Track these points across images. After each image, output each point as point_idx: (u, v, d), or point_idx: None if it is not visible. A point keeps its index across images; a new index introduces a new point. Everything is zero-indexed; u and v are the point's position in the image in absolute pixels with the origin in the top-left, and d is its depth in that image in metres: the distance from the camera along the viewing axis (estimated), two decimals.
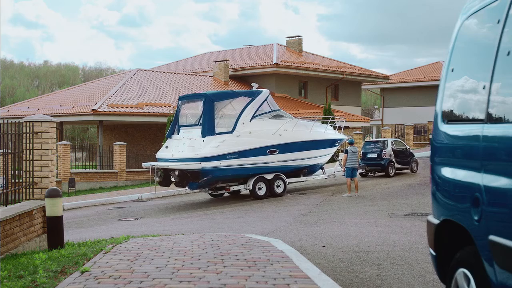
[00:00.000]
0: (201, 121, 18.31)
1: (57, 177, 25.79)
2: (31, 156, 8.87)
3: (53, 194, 8.24)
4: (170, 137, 19.22)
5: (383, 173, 25.09)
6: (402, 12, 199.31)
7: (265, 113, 19.79)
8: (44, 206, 8.68)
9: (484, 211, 3.39)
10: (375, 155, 25.27)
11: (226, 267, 6.20)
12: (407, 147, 26.61)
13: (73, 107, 31.49)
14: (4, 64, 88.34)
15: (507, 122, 3.25)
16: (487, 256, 3.33)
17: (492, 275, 3.28)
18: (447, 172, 4.11)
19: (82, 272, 5.94)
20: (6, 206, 8.11)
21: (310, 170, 21.38)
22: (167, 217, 16.46)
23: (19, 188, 8.80)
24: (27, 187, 8.88)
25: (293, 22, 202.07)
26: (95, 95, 32.70)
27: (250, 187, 18.90)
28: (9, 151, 8.63)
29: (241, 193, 21.26)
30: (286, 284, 5.36)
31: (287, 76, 41.19)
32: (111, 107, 29.89)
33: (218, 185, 19.16)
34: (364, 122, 43.31)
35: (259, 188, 19.16)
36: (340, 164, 22.62)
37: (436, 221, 4.25)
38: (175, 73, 40.45)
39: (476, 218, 3.49)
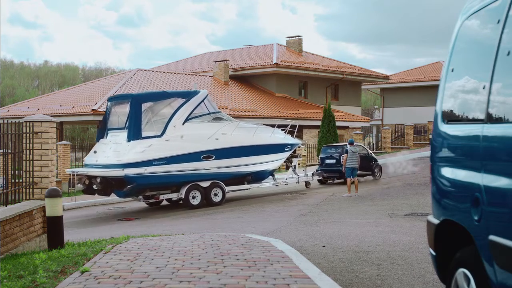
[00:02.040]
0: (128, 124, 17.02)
1: (57, 177, 25.79)
2: (31, 156, 8.87)
3: (53, 194, 8.24)
4: (99, 141, 17.88)
5: (342, 180, 23.17)
6: (400, 12, 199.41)
7: (202, 115, 18.38)
8: (44, 206, 8.68)
9: (484, 211, 3.39)
10: (334, 161, 23.83)
11: (226, 267, 6.20)
12: (369, 152, 25.49)
13: (73, 107, 31.49)
14: (4, 64, 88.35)
15: (507, 122, 3.25)
16: (487, 256, 3.33)
17: (492, 275, 3.28)
18: (447, 172, 4.11)
19: (82, 272, 5.94)
20: (6, 206, 8.11)
21: (256, 177, 19.92)
22: (167, 217, 16.46)
23: (19, 188, 8.80)
24: (27, 187, 8.88)
25: (291, 22, 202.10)
26: (95, 95, 32.70)
27: (183, 196, 17.53)
28: (9, 151, 8.64)
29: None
30: (286, 284, 5.36)
31: (287, 76, 41.19)
32: None
33: (147, 193, 17.68)
34: (364, 122, 43.31)
35: (193, 197, 17.77)
36: (294, 171, 21.78)
37: (436, 221, 4.25)
38: (175, 73, 40.46)
39: (476, 218, 3.49)
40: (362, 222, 11.71)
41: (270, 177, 20.81)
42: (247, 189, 20.19)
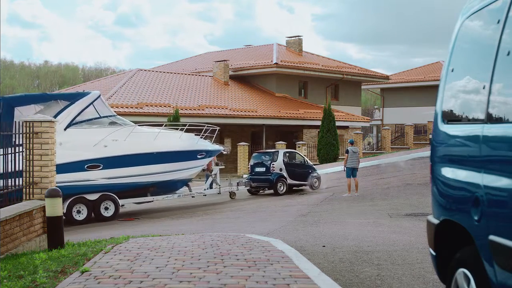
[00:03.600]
0: None
1: None
2: (31, 156, 8.87)
3: (53, 194, 8.24)
4: None
5: (272, 191, 21.39)
6: (398, 12, 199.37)
7: (91, 119, 16.23)
8: (44, 206, 8.68)
9: (484, 211, 3.39)
10: (264, 169, 21.56)
11: (226, 267, 6.20)
12: (306, 159, 23.36)
13: None
14: (4, 64, 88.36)
15: (507, 122, 3.25)
16: (487, 256, 3.33)
17: (492, 275, 3.28)
18: (447, 172, 4.11)
19: (82, 272, 5.94)
20: (6, 206, 8.11)
21: (164, 187, 17.83)
22: (167, 217, 16.46)
23: (19, 188, 8.80)
24: (27, 187, 8.88)
25: (289, 22, 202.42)
26: None
27: (64, 210, 14.94)
28: (9, 151, 8.63)
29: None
30: (286, 284, 5.36)
31: (287, 76, 41.20)
32: (111, 107, 29.78)
33: None
34: (364, 122, 43.33)
35: (78, 211, 15.72)
36: (214, 180, 20.26)
37: (436, 221, 4.25)
38: (175, 73, 40.47)
39: (476, 218, 3.49)
40: (362, 222, 11.71)
41: (185, 187, 19.07)
42: (149, 201, 17.95)
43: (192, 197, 19.47)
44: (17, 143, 8.96)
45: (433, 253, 4.31)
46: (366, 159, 31.64)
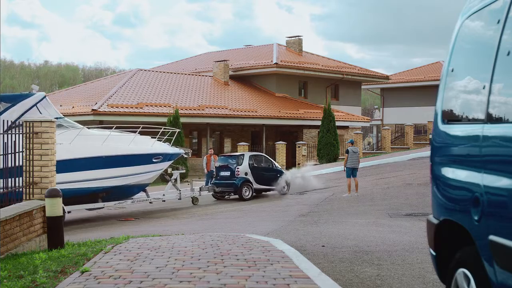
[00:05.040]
0: None
1: None
2: (31, 156, 8.87)
3: (53, 194, 8.24)
4: None
5: (237, 196, 20.46)
6: (397, 12, 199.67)
7: None
8: (44, 206, 8.68)
9: (484, 211, 3.39)
10: (228, 173, 20.61)
11: (226, 267, 6.20)
12: (274, 163, 22.19)
13: (73, 107, 31.50)
14: (4, 64, 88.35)
15: (507, 122, 3.25)
16: (487, 256, 3.32)
17: (492, 275, 3.28)
18: (447, 172, 4.11)
19: (82, 272, 5.94)
20: (6, 206, 8.11)
21: (116, 193, 16.76)
22: (167, 217, 16.46)
23: (19, 188, 8.80)
24: (27, 187, 8.88)
25: (287, 22, 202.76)
26: (95, 95, 32.71)
27: None
28: (9, 151, 8.63)
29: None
30: (286, 284, 5.36)
31: (287, 76, 41.20)
32: (111, 107, 29.91)
33: None
34: (364, 122, 43.32)
35: None
36: (174, 185, 19.20)
37: (436, 221, 4.25)
38: (175, 73, 40.47)
39: (476, 218, 3.49)
40: (362, 222, 11.70)
41: (142, 193, 18.13)
42: (100, 208, 16.95)
43: (150, 202, 18.56)
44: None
45: (433, 253, 4.31)
46: (366, 159, 31.63)
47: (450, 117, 4.26)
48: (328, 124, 34.28)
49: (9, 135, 8.85)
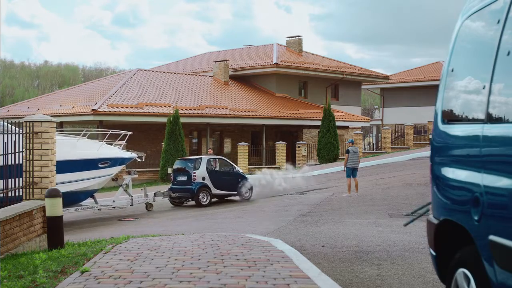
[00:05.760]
0: None
1: None
2: (31, 156, 8.87)
3: (53, 194, 8.24)
4: None
5: (194, 203, 19.50)
6: (397, 12, 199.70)
7: None
8: (44, 206, 8.68)
9: (484, 211, 3.39)
10: (185, 178, 19.64)
11: (226, 267, 6.20)
12: (235, 167, 21.31)
13: (73, 107, 31.51)
14: (4, 64, 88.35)
15: (507, 122, 3.25)
16: (487, 256, 3.32)
17: (492, 275, 3.28)
18: (447, 172, 4.11)
19: (82, 272, 5.94)
20: (6, 206, 8.11)
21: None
22: (167, 217, 16.47)
23: (19, 188, 8.80)
24: (27, 187, 8.88)
25: (287, 22, 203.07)
26: (95, 95, 32.72)
27: None
28: (9, 151, 8.63)
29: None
30: (286, 284, 5.36)
31: (287, 76, 41.20)
32: (111, 107, 29.90)
33: None
34: (364, 122, 43.32)
35: None
36: (126, 191, 18.36)
37: (436, 221, 4.25)
38: (175, 73, 40.47)
39: (476, 218, 3.49)
40: (362, 222, 11.70)
41: (90, 199, 17.47)
42: None
43: (99, 209, 17.78)
44: None
45: (433, 253, 4.31)
46: (366, 159, 31.62)
47: (450, 117, 4.26)
48: (328, 124, 34.28)
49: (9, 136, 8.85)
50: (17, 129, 9.11)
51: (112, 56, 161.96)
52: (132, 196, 18.33)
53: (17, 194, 8.78)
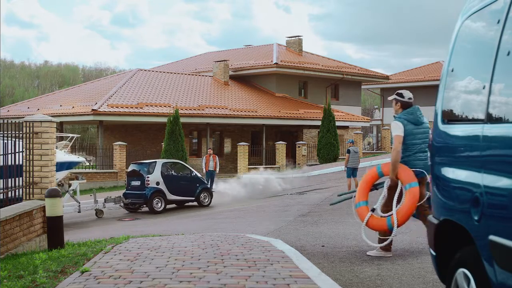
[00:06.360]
0: None
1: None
2: (31, 156, 8.86)
3: (53, 194, 8.24)
4: None
5: (148, 209, 18.70)
6: (396, 12, 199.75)
7: None
8: (44, 206, 8.68)
9: (484, 211, 3.39)
10: (138, 183, 18.84)
11: (226, 267, 6.20)
12: (193, 171, 20.40)
13: (73, 107, 31.52)
14: (4, 64, 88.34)
15: (507, 122, 3.24)
16: (487, 256, 3.32)
17: (492, 275, 3.28)
18: (447, 172, 4.11)
19: (82, 272, 5.94)
20: (6, 206, 8.11)
21: None
22: (167, 217, 16.47)
23: (19, 188, 8.80)
24: (27, 187, 8.88)
25: (286, 22, 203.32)
26: (95, 95, 32.72)
27: None
28: (9, 151, 8.63)
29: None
30: (286, 284, 5.36)
31: (287, 76, 41.20)
32: (111, 107, 29.91)
33: None
34: (364, 122, 43.32)
35: None
36: (73, 196, 17.41)
37: (436, 221, 4.25)
38: (175, 73, 40.47)
39: (476, 218, 3.49)
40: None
41: None
42: None
43: None
44: None
45: (433, 253, 4.31)
46: (366, 159, 31.61)
47: (450, 117, 4.26)
48: (328, 124, 34.28)
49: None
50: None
51: (112, 56, 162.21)
52: (79, 203, 17.47)
53: (17, 194, 8.79)
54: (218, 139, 37.57)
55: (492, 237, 3.26)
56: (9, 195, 8.55)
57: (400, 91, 7.69)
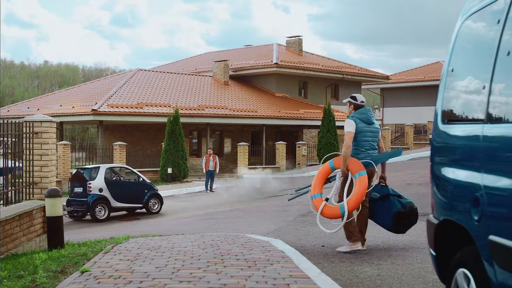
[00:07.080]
0: None
1: (57, 177, 25.79)
2: (31, 156, 8.86)
3: (53, 194, 8.24)
4: None
5: (90, 218, 17.51)
6: (396, 12, 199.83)
7: None
8: (44, 206, 8.68)
9: (484, 211, 3.39)
10: (81, 189, 17.64)
11: (226, 267, 6.20)
12: (141, 177, 19.35)
13: (73, 107, 31.51)
14: (4, 64, 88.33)
15: (507, 122, 3.25)
16: (487, 256, 3.32)
17: (492, 275, 3.28)
18: (447, 172, 4.11)
19: (82, 272, 5.94)
20: (6, 206, 8.11)
21: None
22: (167, 217, 16.46)
23: (19, 188, 8.80)
24: (27, 187, 8.88)
25: (285, 22, 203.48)
26: (95, 95, 32.72)
27: None
28: (9, 151, 8.63)
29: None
30: (286, 284, 5.36)
31: (287, 76, 41.20)
32: (111, 107, 29.90)
33: None
34: None
35: None
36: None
37: (436, 221, 4.25)
38: (175, 73, 40.47)
39: (476, 218, 3.49)
40: None
41: None
42: None
43: None
44: None
45: (433, 253, 4.31)
46: None
47: (450, 117, 4.26)
48: (328, 124, 34.28)
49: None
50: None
51: (111, 56, 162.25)
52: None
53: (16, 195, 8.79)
54: (218, 139, 37.57)
55: (492, 237, 3.26)
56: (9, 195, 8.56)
57: (354, 95, 8.37)
